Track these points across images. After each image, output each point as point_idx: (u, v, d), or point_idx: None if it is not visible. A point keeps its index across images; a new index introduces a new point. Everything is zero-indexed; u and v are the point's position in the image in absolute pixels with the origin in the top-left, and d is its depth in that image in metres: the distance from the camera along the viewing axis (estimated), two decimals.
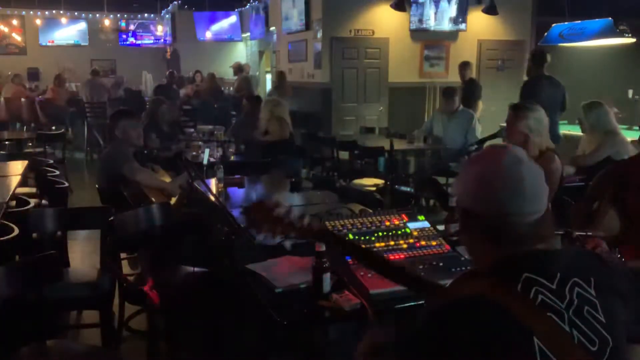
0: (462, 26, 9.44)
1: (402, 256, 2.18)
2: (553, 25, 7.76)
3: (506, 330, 1.04)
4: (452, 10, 9.33)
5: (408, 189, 3.37)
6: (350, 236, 2.26)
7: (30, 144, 8.63)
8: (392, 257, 2.17)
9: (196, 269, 3.11)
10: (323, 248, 1.93)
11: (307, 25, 9.44)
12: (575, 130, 6.14)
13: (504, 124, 3.41)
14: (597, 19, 7.07)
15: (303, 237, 1.69)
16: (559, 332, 1.07)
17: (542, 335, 1.04)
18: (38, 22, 15.40)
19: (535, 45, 9.79)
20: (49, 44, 15.65)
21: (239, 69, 12.06)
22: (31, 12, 15.25)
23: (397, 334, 1.29)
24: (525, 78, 10.19)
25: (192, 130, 7.25)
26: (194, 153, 5.47)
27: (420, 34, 9.33)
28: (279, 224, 1.60)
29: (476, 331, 1.04)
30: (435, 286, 1.56)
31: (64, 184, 4.29)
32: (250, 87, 11.01)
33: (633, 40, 7.01)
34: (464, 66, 7.91)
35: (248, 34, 13.81)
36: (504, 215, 1.17)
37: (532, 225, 1.18)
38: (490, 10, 9.16)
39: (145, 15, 16.47)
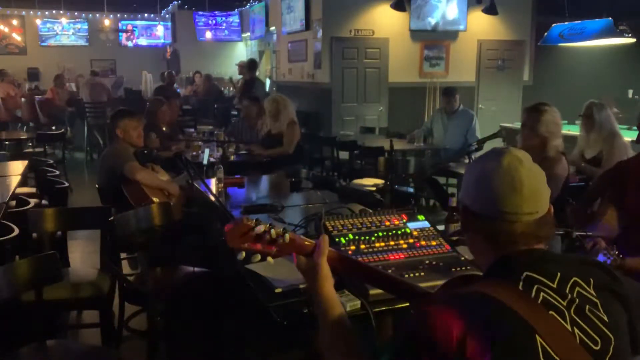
0: (462, 26, 9.42)
1: (402, 256, 2.18)
2: (553, 25, 7.76)
3: (509, 328, 1.04)
4: (452, 10, 9.32)
5: (408, 189, 3.37)
6: (350, 236, 2.26)
7: (30, 144, 8.63)
8: (392, 257, 2.17)
9: (196, 269, 3.12)
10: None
11: (307, 25, 9.43)
12: (574, 130, 6.13)
13: (504, 124, 3.40)
14: (597, 19, 7.07)
15: (284, 255, 1.55)
16: (562, 330, 1.07)
17: (544, 333, 1.04)
18: (38, 22, 15.39)
19: (536, 45, 9.80)
20: (49, 44, 15.65)
21: (250, 67, 11.36)
22: (31, 12, 15.23)
23: (394, 333, 1.27)
24: (525, 78, 10.29)
25: (192, 130, 7.25)
26: (194, 153, 5.47)
27: (420, 34, 9.32)
28: (259, 243, 1.47)
29: (478, 328, 1.03)
30: (426, 295, 1.54)
31: (64, 184, 4.30)
32: (253, 89, 10.92)
33: (633, 40, 7.01)
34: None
35: (248, 34, 13.80)
36: (501, 213, 1.17)
37: (531, 225, 1.18)
38: (490, 10, 9.14)
39: (145, 15, 16.45)
